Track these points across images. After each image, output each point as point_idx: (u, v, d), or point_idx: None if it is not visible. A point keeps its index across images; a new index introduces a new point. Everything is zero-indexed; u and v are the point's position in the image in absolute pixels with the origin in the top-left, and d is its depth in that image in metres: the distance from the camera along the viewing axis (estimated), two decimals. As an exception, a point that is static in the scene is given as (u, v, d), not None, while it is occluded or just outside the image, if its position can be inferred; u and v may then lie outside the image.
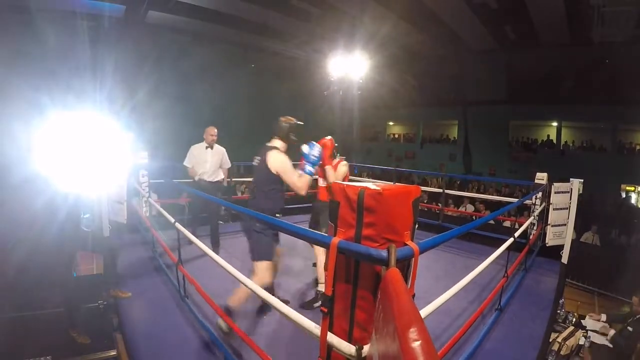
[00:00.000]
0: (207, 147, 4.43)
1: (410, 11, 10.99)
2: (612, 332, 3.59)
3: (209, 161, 4.40)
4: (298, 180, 2.47)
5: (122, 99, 11.21)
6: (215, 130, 4.51)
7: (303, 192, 2.49)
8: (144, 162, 4.57)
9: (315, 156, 2.48)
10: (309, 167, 2.48)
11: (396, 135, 18.75)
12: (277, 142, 2.62)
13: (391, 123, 19.03)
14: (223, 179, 4.63)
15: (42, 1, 9.45)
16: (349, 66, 9.02)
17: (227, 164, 4.63)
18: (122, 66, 11.57)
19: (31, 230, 2.45)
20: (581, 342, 3.63)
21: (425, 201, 7.85)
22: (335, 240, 1.21)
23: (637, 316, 3.61)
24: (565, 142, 13.65)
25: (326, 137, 3.30)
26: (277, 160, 2.50)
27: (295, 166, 2.60)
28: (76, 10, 10.17)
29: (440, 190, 5.79)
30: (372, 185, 1.26)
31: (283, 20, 12.10)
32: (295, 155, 2.72)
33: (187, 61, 14.16)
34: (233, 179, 6.20)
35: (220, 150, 4.52)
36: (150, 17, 11.32)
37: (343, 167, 3.30)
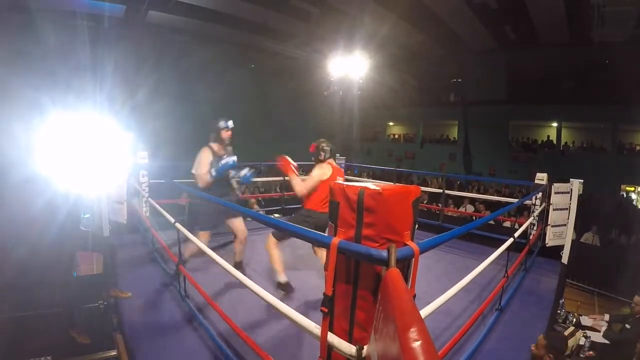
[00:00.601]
0: None
1: (410, 11, 10.99)
2: (604, 327, 3.57)
3: None
4: (200, 174, 3.08)
5: (122, 98, 11.22)
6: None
7: (199, 184, 3.10)
8: (144, 162, 4.57)
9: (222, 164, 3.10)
10: (214, 172, 3.08)
11: (396, 136, 18.74)
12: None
13: (391, 123, 19.03)
14: None
15: (42, 1, 9.45)
16: (349, 66, 9.03)
17: None
18: (122, 66, 11.58)
19: (31, 230, 2.46)
20: (581, 342, 3.62)
21: (425, 201, 7.85)
22: (336, 240, 1.21)
23: (637, 315, 3.60)
24: (565, 142, 13.64)
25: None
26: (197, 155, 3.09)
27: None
28: (76, 10, 10.17)
29: (440, 191, 5.79)
30: (372, 185, 1.26)
31: (283, 20, 12.11)
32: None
33: (187, 61, 14.17)
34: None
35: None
36: (150, 17, 11.33)
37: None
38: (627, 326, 3.52)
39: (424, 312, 1.61)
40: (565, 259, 4.27)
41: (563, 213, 4.41)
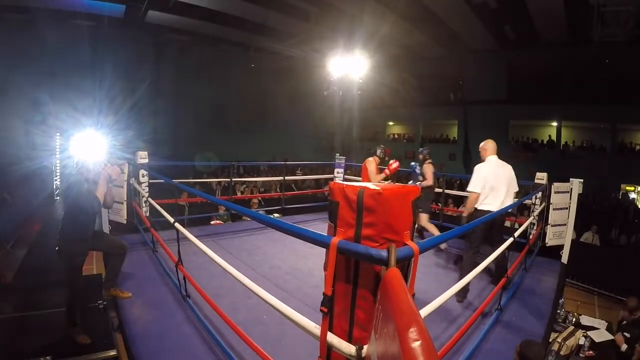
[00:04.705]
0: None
1: (410, 10, 10.98)
2: (624, 346, 3.49)
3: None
4: None
5: (122, 97, 11.22)
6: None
7: None
8: (143, 162, 4.56)
9: None
10: None
11: (396, 135, 18.75)
12: None
13: (391, 123, 19.03)
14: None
15: (42, 1, 9.44)
16: (349, 66, 9.01)
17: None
18: (122, 65, 11.58)
19: (31, 230, 2.46)
20: (581, 342, 3.62)
21: (425, 201, 7.83)
22: (335, 240, 1.21)
23: (627, 322, 3.57)
24: (565, 142, 13.65)
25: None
26: None
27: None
28: (76, 10, 10.17)
29: (440, 191, 5.78)
30: (371, 185, 1.26)
31: (282, 19, 12.11)
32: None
33: (186, 61, 14.17)
34: (233, 179, 6.19)
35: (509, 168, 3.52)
36: (150, 17, 11.31)
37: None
38: (627, 334, 3.47)
39: (423, 312, 1.61)
40: (565, 258, 4.27)
41: (563, 212, 4.41)
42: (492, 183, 3.27)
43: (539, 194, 4.37)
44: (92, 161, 2.75)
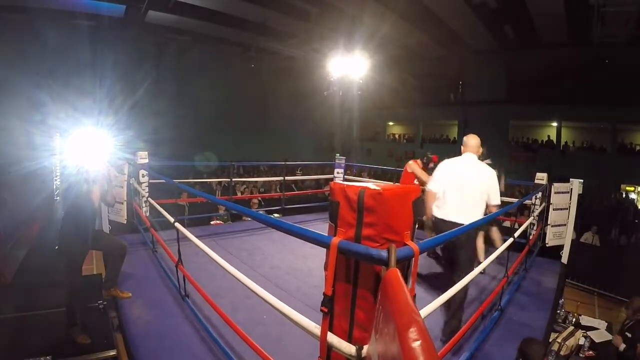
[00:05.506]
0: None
1: (410, 11, 10.99)
2: (622, 346, 3.49)
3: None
4: None
5: (122, 97, 11.22)
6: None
7: None
8: (143, 162, 4.56)
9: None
10: None
11: (396, 135, 18.76)
12: None
13: (391, 123, 19.04)
14: None
15: (42, 1, 9.45)
16: (349, 66, 9.02)
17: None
18: (122, 66, 11.59)
19: (31, 230, 2.46)
20: (581, 342, 3.62)
21: (425, 201, 7.84)
22: (335, 240, 1.21)
23: (632, 321, 3.57)
24: (565, 142, 13.65)
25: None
26: None
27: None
28: (76, 10, 10.17)
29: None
30: (372, 185, 1.26)
31: (282, 19, 12.12)
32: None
33: (186, 61, 14.18)
34: (233, 180, 6.19)
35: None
36: (150, 17, 11.32)
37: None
38: (628, 334, 3.47)
39: (423, 312, 1.61)
40: (565, 258, 4.28)
41: (563, 213, 4.41)
42: (449, 184, 2.69)
43: (539, 194, 4.37)
44: (91, 161, 2.75)
